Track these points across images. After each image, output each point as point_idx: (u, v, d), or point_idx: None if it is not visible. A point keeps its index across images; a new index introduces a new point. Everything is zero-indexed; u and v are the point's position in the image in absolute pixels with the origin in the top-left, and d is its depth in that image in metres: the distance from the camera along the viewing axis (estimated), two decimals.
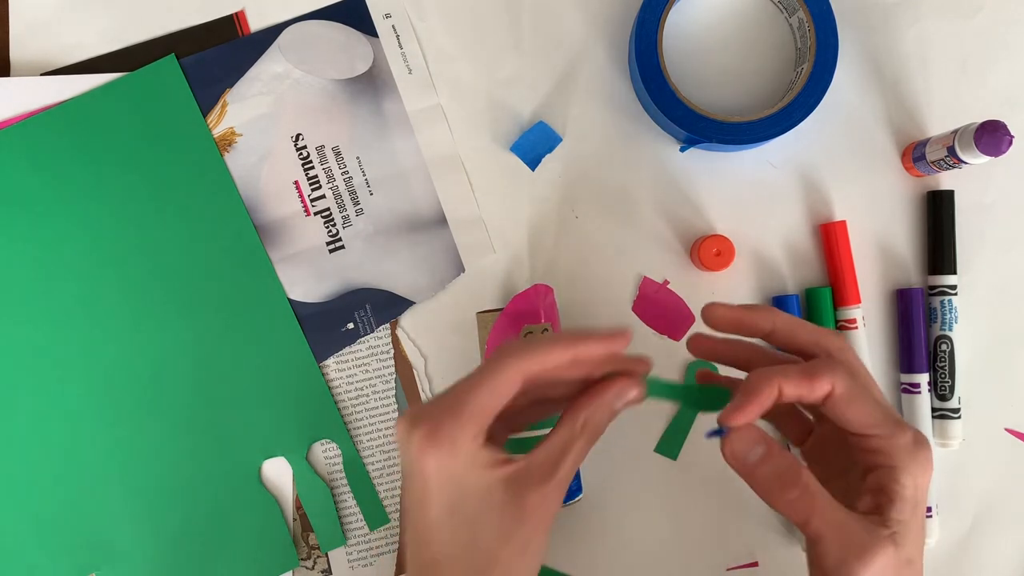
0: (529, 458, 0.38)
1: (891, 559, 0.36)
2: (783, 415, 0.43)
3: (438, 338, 0.54)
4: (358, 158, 0.54)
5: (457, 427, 0.37)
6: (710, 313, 0.41)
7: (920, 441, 0.38)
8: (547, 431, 0.39)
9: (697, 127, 0.51)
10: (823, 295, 0.53)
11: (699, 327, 0.54)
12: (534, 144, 0.54)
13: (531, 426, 0.43)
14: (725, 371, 0.42)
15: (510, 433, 0.42)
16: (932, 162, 0.52)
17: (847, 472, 0.40)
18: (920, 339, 0.53)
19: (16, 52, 0.54)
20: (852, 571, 0.36)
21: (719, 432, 0.38)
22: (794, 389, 0.37)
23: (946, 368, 0.53)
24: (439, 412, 0.37)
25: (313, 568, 0.54)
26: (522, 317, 0.50)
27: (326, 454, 0.54)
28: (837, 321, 0.53)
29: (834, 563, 0.36)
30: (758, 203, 0.54)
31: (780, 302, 0.53)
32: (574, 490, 0.51)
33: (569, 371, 0.39)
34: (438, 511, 0.37)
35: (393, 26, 0.55)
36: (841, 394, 0.37)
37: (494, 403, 0.37)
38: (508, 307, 0.51)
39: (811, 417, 0.44)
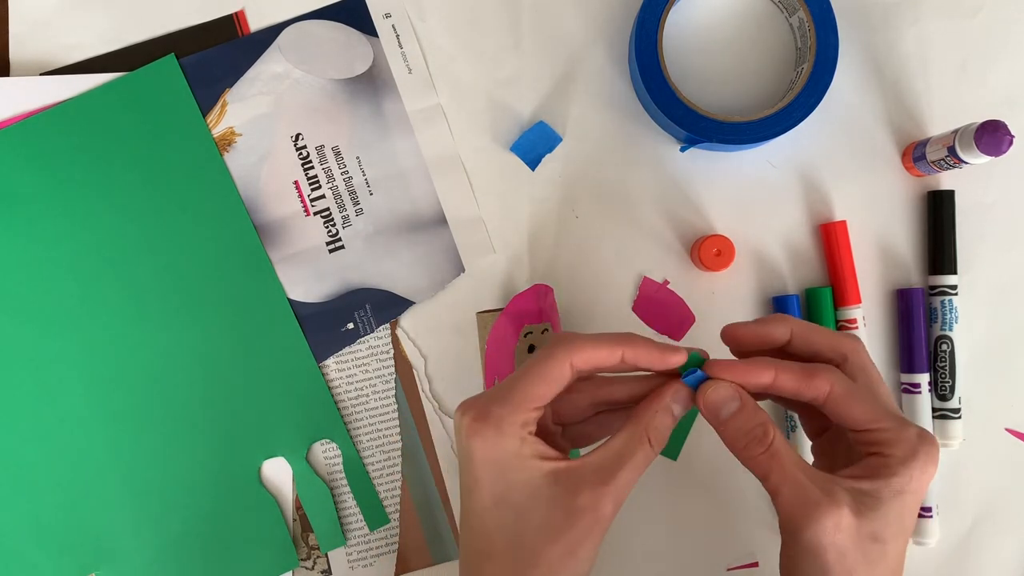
0: (585, 459, 0.38)
1: (844, 523, 0.36)
2: (806, 410, 0.43)
3: (438, 338, 0.54)
4: (358, 158, 0.54)
5: (504, 412, 0.37)
6: (729, 335, 0.41)
7: (925, 438, 0.37)
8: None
9: (697, 127, 0.51)
10: (823, 295, 0.53)
11: (701, 327, 0.54)
12: (534, 144, 0.54)
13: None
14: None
15: (572, 445, 0.43)
16: (932, 162, 0.52)
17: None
18: (920, 339, 0.53)
19: (16, 52, 0.54)
20: (798, 525, 0.36)
21: (693, 373, 0.39)
22: (791, 382, 0.38)
23: (946, 368, 0.53)
24: (488, 398, 0.38)
25: (313, 568, 0.54)
26: (522, 317, 0.50)
27: (326, 454, 0.54)
28: (837, 321, 0.53)
29: (786, 517, 0.37)
30: (758, 203, 0.54)
31: (780, 302, 0.53)
32: None
33: (620, 369, 0.39)
34: (485, 500, 0.38)
35: (393, 26, 0.55)
36: (840, 393, 0.38)
37: (542, 390, 0.38)
38: (508, 307, 0.51)
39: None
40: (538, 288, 0.51)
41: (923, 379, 0.53)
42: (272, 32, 0.54)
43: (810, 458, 0.52)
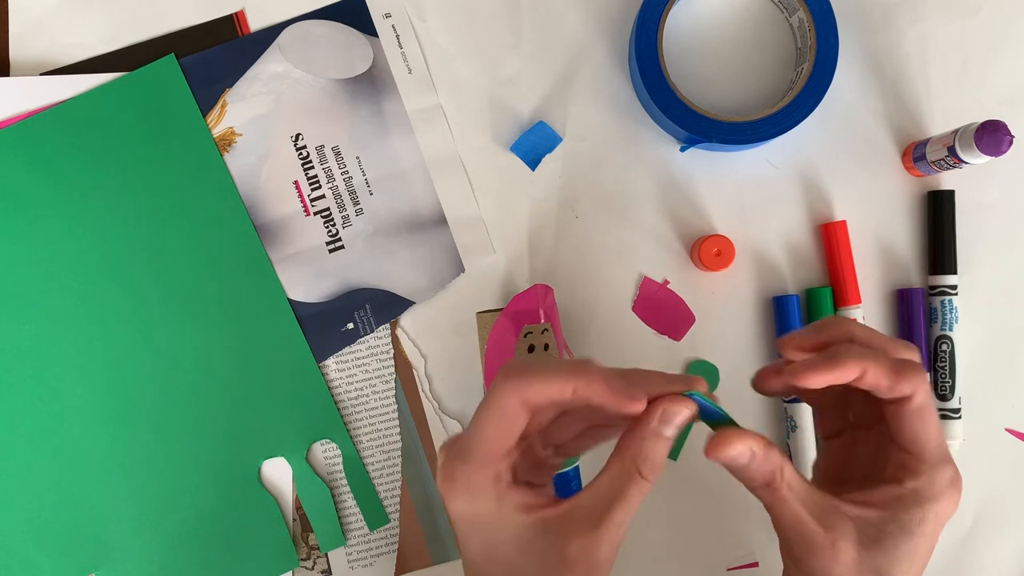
0: (573, 501, 0.35)
1: (845, 557, 0.35)
2: (831, 409, 0.41)
3: (438, 338, 0.54)
4: (358, 158, 0.54)
5: (470, 471, 0.35)
6: (787, 345, 0.37)
7: (956, 483, 0.36)
8: None
9: (697, 127, 0.51)
10: (823, 295, 0.53)
11: (701, 327, 0.54)
12: (534, 144, 0.54)
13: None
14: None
15: (565, 457, 0.40)
16: (932, 162, 0.52)
17: (864, 481, 0.38)
18: (920, 339, 0.53)
19: (16, 52, 0.54)
20: (798, 557, 0.36)
21: (716, 416, 0.36)
22: (878, 379, 0.35)
23: (946, 368, 0.53)
24: (455, 455, 0.36)
25: (313, 568, 0.54)
26: (522, 317, 0.50)
27: (326, 454, 0.54)
28: None
29: (786, 545, 0.37)
30: (758, 203, 0.54)
31: (780, 302, 0.53)
32: (575, 489, 0.51)
33: (579, 405, 0.36)
34: (476, 556, 0.36)
35: (393, 26, 0.55)
36: (918, 404, 0.35)
37: (501, 439, 0.35)
38: (508, 307, 0.50)
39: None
40: (538, 288, 0.51)
41: None
42: (272, 32, 0.54)
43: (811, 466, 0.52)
